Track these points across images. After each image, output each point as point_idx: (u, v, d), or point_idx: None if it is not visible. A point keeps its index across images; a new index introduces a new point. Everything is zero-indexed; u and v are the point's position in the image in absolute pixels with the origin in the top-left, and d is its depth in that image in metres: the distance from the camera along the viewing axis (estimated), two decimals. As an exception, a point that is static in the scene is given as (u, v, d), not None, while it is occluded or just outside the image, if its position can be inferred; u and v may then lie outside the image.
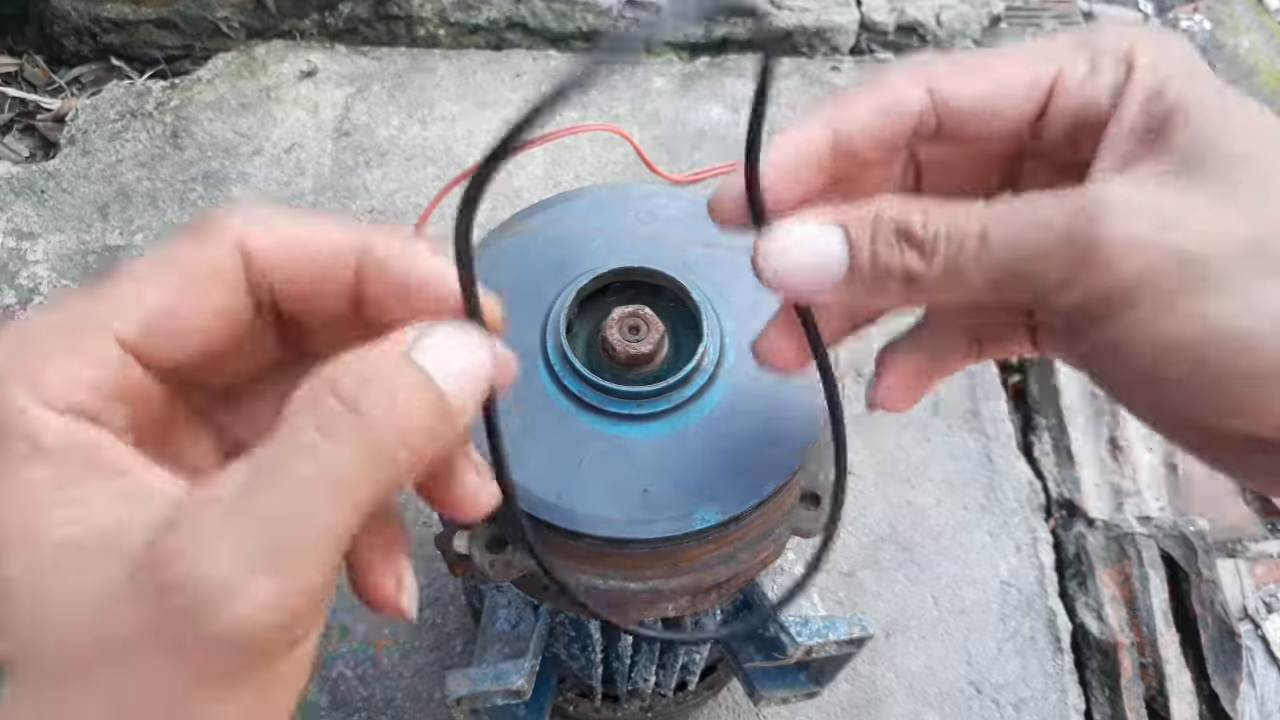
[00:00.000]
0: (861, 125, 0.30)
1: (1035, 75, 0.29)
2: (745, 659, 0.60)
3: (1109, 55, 0.28)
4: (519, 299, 0.47)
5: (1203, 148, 0.26)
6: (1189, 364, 0.25)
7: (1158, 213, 0.25)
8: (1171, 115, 0.26)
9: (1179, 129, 0.26)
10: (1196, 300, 0.25)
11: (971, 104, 0.29)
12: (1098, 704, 0.86)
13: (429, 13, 1.24)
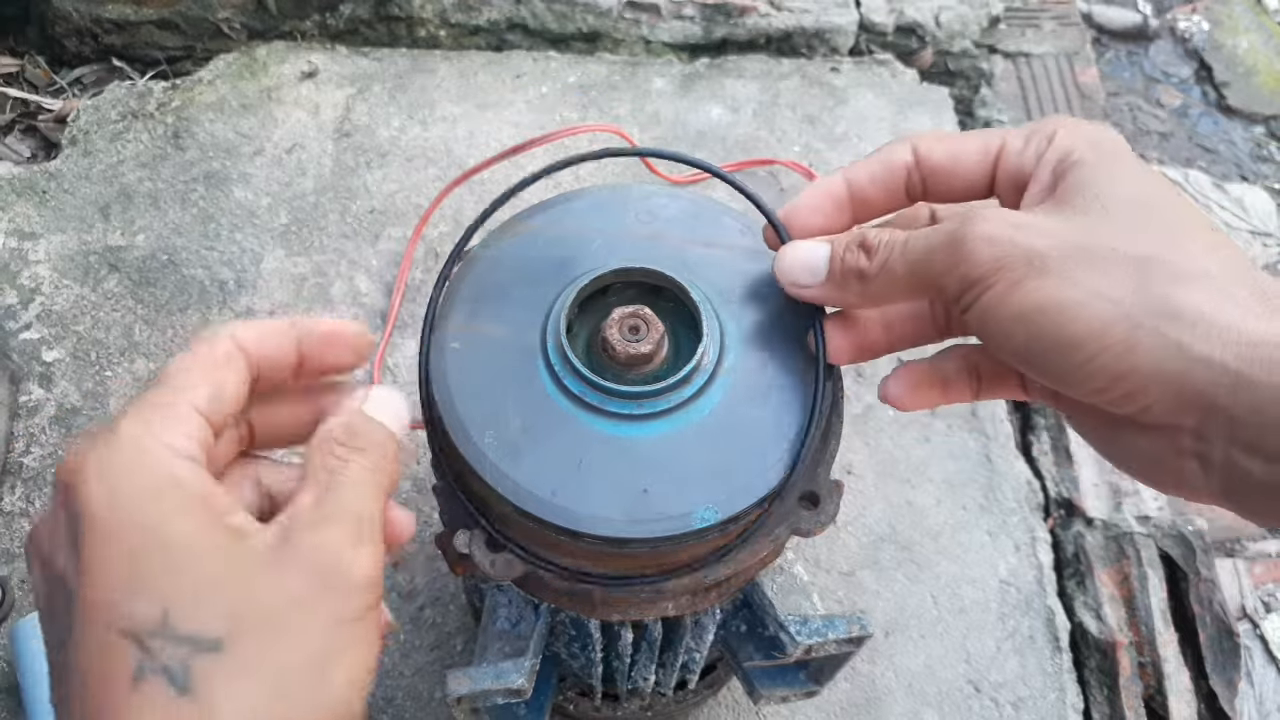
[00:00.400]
0: (867, 175, 0.42)
1: (986, 144, 0.40)
2: (745, 658, 0.60)
3: (1038, 134, 0.39)
4: (519, 299, 0.47)
5: (1075, 190, 0.36)
6: (1031, 331, 0.35)
7: (1015, 224, 0.35)
8: (1066, 174, 0.37)
9: (1066, 180, 0.36)
10: (1035, 282, 0.34)
11: (941, 161, 0.40)
12: (1096, 703, 0.86)
13: (430, 14, 1.25)
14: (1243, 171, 1.32)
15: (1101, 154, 0.36)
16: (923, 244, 0.37)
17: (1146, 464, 0.36)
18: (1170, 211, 0.35)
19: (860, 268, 0.39)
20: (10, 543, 0.85)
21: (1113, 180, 0.35)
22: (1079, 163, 0.36)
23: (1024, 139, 0.39)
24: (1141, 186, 0.35)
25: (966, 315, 0.37)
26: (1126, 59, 1.46)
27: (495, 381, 0.45)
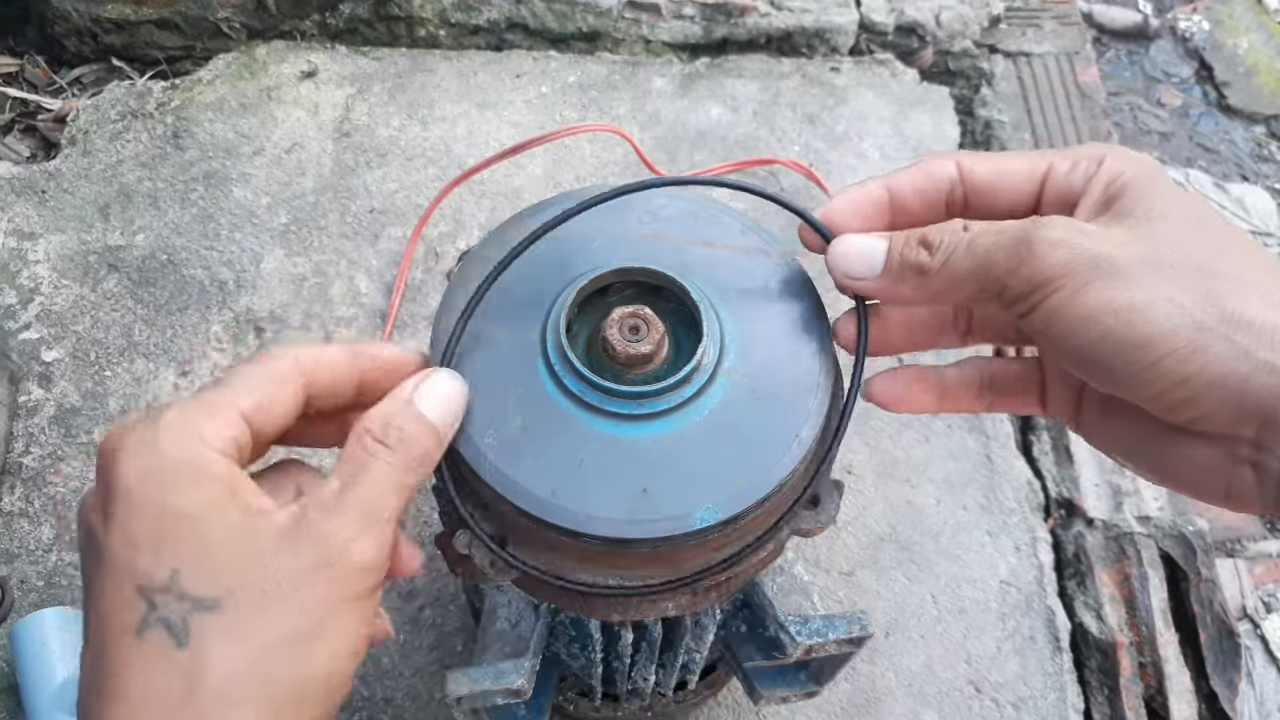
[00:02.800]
0: (909, 184, 0.42)
1: (1033, 165, 0.41)
2: (745, 658, 0.60)
3: (1086, 158, 0.40)
4: (519, 299, 0.47)
5: (1131, 206, 0.37)
6: (1099, 331, 0.35)
7: (1083, 230, 0.36)
8: (1120, 193, 0.38)
9: (1121, 200, 0.38)
10: (1103, 284, 0.35)
11: (986, 178, 0.41)
12: (1097, 703, 0.86)
13: (429, 13, 1.25)
14: (1243, 171, 1.32)
15: (1149, 177, 0.38)
16: (989, 242, 0.38)
17: (1196, 474, 0.37)
18: (1220, 226, 0.37)
19: (921, 263, 0.40)
20: (10, 543, 0.85)
21: (1165, 198, 0.37)
22: (1130, 183, 0.38)
23: (1071, 162, 0.40)
24: (1189, 204, 0.37)
25: (1030, 317, 0.37)
26: (1127, 59, 1.46)
27: (495, 381, 0.44)
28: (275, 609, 0.33)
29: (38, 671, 0.73)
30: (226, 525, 0.34)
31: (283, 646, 0.33)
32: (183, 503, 0.33)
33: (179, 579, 0.32)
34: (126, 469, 0.33)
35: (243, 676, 0.32)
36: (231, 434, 0.35)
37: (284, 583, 0.34)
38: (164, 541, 0.33)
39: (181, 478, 0.34)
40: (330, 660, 0.34)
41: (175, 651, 0.32)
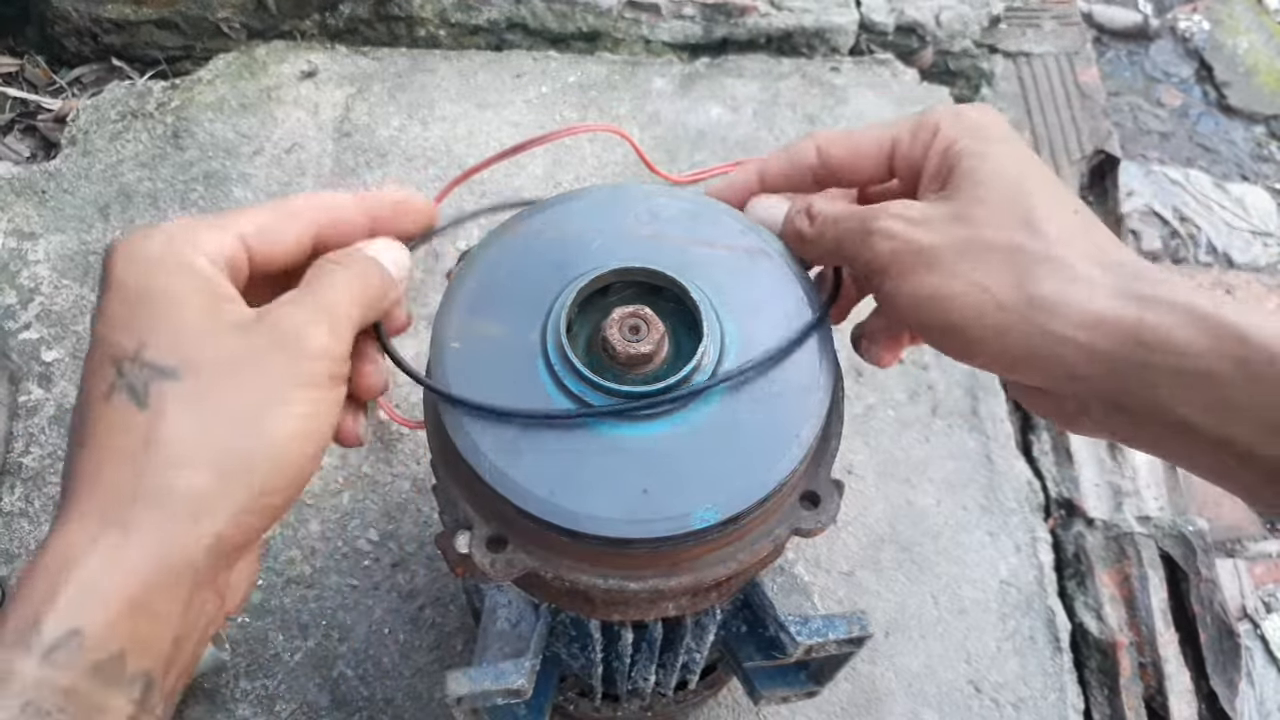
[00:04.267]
0: (778, 170, 0.49)
1: (880, 143, 0.46)
2: (745, 658, 0.60)
3: (923, 128, 0.44)
4: (519, 299, 0.47)
5: (960, 180, 0.42)
6: (923, 316, 0.41)
7: (910, 219, 0.42)
8: (954, 163, 0.42)
9: (954, 171, 0.42)
10: (923, 275, 0.40)
11: (842, 159, 0.47)
12: (1097, 703, 0.86)
13: (429, 13, 1.25)
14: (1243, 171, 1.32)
15: (981, 140, 0.42)
16: (844, 226, 0.44)
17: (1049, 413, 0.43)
18: (1038, 197, 0.40)
19: (801, 231, 0.47)
20: (10, 543, 0.85)
21: (991, 170, 0.41)
22: (961, 152, 0.42)
23: (911, 133, 0.44)
24: (1015, 172, 0.41)
25: (876, 296, 0.44)
26: (1127, 58, 1.46)
27: (496, 382, 0.44)
28: (230, 382, 0.36)
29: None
30: (194, 307, 0.37)
31: (234, 417, 0.36)
32: (158, 286, 0.37)
33: (144, 351, 0.36)
34: (117, 261, 0.37)
35: (193, 439, 0.35)
36: (224, 249, 0.39)
37: (240, 360, 0.37)
38: (136, 318, 0.36)
39: (164, 268, 0.37)
40: (282, 437, 0.37)
41: (136, 412, 0.35)
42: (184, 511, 0.35)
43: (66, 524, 0.34)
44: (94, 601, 0.33)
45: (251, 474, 0.36)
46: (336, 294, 0.40)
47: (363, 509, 0.88)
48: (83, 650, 0.32)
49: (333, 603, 0.84)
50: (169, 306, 0.37)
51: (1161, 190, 1.24)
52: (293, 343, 0.38)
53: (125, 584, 0.33)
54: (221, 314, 0.37)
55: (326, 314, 0.39)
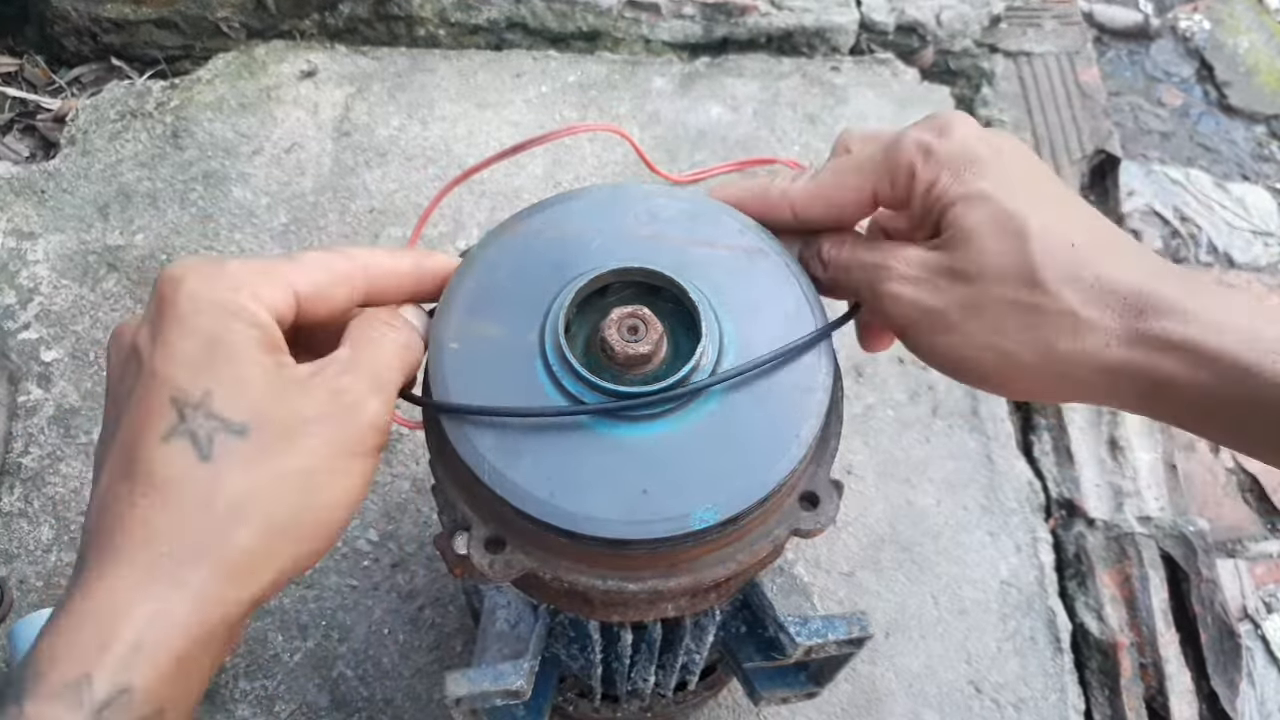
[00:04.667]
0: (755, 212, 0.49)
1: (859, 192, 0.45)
2: (745, 659, 0.60)
3: (898, 172, 0.43)
4: (518, 299, 0.47)
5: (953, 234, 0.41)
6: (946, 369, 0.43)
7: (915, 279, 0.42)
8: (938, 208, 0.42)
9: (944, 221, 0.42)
10: (938, 335, 0.42)
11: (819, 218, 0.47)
12: (1097, 704, 0.86)
13: (429, 13, 1.24)
14: (1244, 171, 1.32)
15: (959, 177, 0.41)
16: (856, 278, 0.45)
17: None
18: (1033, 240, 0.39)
19: (816, 276, 0.48)
20: (9, 543, 0.85)
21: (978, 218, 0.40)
22: (943, 196, 0.42)
23: (889, 181, 0.43)
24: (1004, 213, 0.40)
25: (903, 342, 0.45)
26: (1128, 58, 1.46)
27: (494, 382, 0.44)
28: (291, 446, 0.37)
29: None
30: (259, 364, 0.37)
31: (292, 480, 0.36)
32: (227, 336, 0.36)
33: (211, 400, 0.36)
34: (186, 296, 0.37)
35: (252, 499, 0.35)
36: (280, 303, 0.39)
37: (302, 424, 0.37)
38: (204, 364, 0.36)
39: (232, 316, 0.37)
40: (330, 502, 0.38)
41: (198, 463, 0.35)
42: (234, 571, 0.35)
43: (114, 567, 0.34)
44: (145, 659, 0.33)
45: (299, 538, 0.37)
46: (388, 362, 0.41)
47: (362, 509, 0.88)
48: (130, 708, 0.32)
49: (332, 603, 0.83)
50: (237, 359, 0.36)
51: (1162, 190, 1.24)
52: (352, 412, 0.38)
53: (173, 642, 0.33)
54: (283, 373, 0.38)
55: (381, 384, 0.40)
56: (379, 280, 0.43)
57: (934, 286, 0.41)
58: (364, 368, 0.40)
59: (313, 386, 0.38)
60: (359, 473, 0.39)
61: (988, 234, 0.40)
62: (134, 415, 0.36)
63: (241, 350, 0.37)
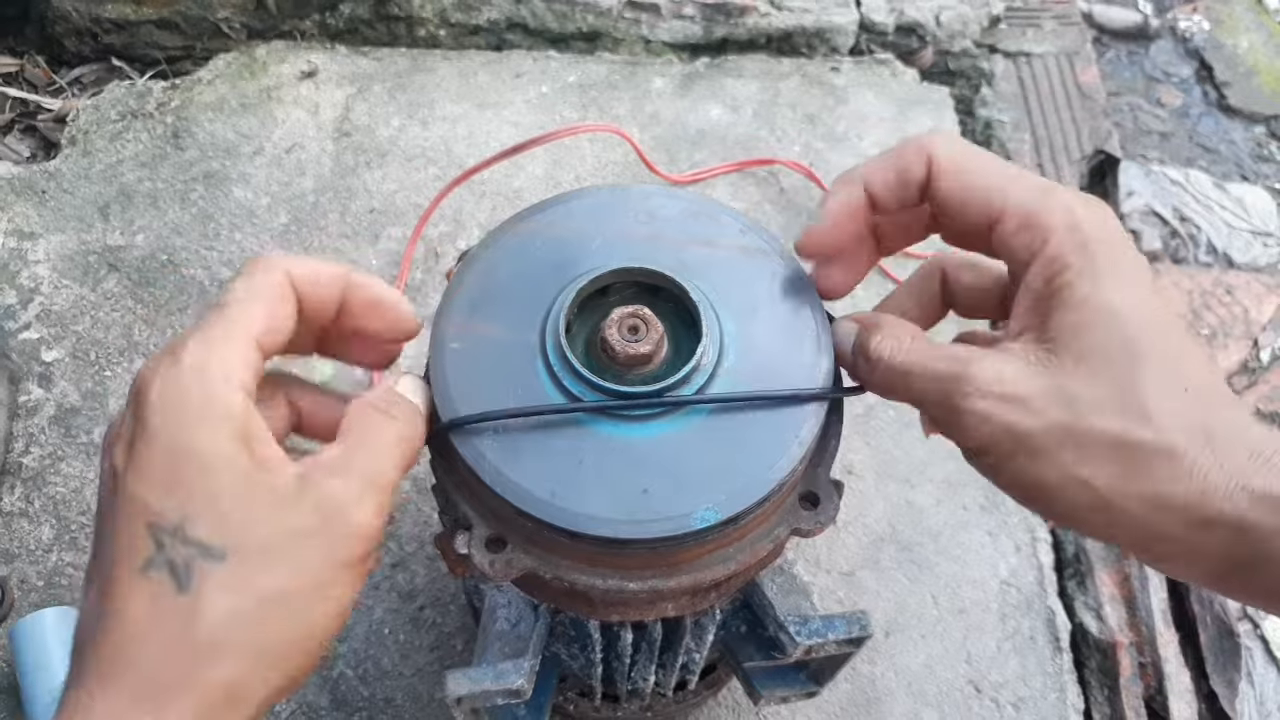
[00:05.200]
0: (882, 182, 0.44)
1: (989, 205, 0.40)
2: (745, 658, 0.60)
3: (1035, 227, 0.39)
4: (518, 300, 0.47)
5: (1063, 336, 0.37)
6: (1022, 496, 0.39)
7: (1004, 396, 0.37)
8: (1057, 300, 0.38)
9: (1055, 312, 0.38)
10: (1022, 460, 0.37)
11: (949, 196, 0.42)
12: (1097, 703, 0.86)
13: (429, 13, 1.24)
14: (1243, 171, 1.32)
15: (1091, 274, 0.37)
16: (921, 388, 0.41)
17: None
18: (1150, 369, 0.36)
19: (860, 374, 0.45)
20: (10, 543, 0.85)
21: (1101, 336, 0.37)
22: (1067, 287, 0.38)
23: (1019, 221, 0.39)
24: (1128, 334, 0.37)
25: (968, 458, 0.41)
26: (1127, 59, 1.46)
27: (495, 382, 0.44)
28: (275, 566, 0.35)
29: (38, 671, 0.73)
30: (237, 474, 0.35)
31: (277, 603, 0.35)
32: (199, 444, 0.34)
33: (187, 525, 0.34)
34: (151, 407, 0.35)
35: (235, 627, 0.34)
36: (248, 366, 0.37)
37: (287, 541, 0.35)
38: (177, 483, 0.34)
39: (200, 417, 0.34)
40: (320, 620, 0.36)
41: (176, 595, 0.33)
42: (216, 704, 0.34)
43: (101, 692, 0.33)
44: None
45: (284, 663, 0.35)
46: (382, 459, 0.38)
47: (363, 509, 0.88)
48: None
49: (333, 603, 0.83)
50: (211, 470, 0.34)
51: (1161, 190, 1.24)
52: (341, 523, 0.36)
53: None
54: (265, 483, 0.35)
55: (373, 487, 0.37)
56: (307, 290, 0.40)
57: (1027, 409, 0.37)
58: (356, 470, 0.37)
59: (298, 495, 0.36)
60: (347, 585, 0.37)
61: (1106, 354, 0.36)
62: (113, 544, 0.34)
63: (215, 459, 0.34)
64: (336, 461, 0.37)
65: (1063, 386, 0.37)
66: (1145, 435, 0.35)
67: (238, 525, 0.34)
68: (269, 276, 0.39)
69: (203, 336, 0.36)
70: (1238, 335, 1.10)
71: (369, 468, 0.38)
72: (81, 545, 0.85)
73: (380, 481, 0.38)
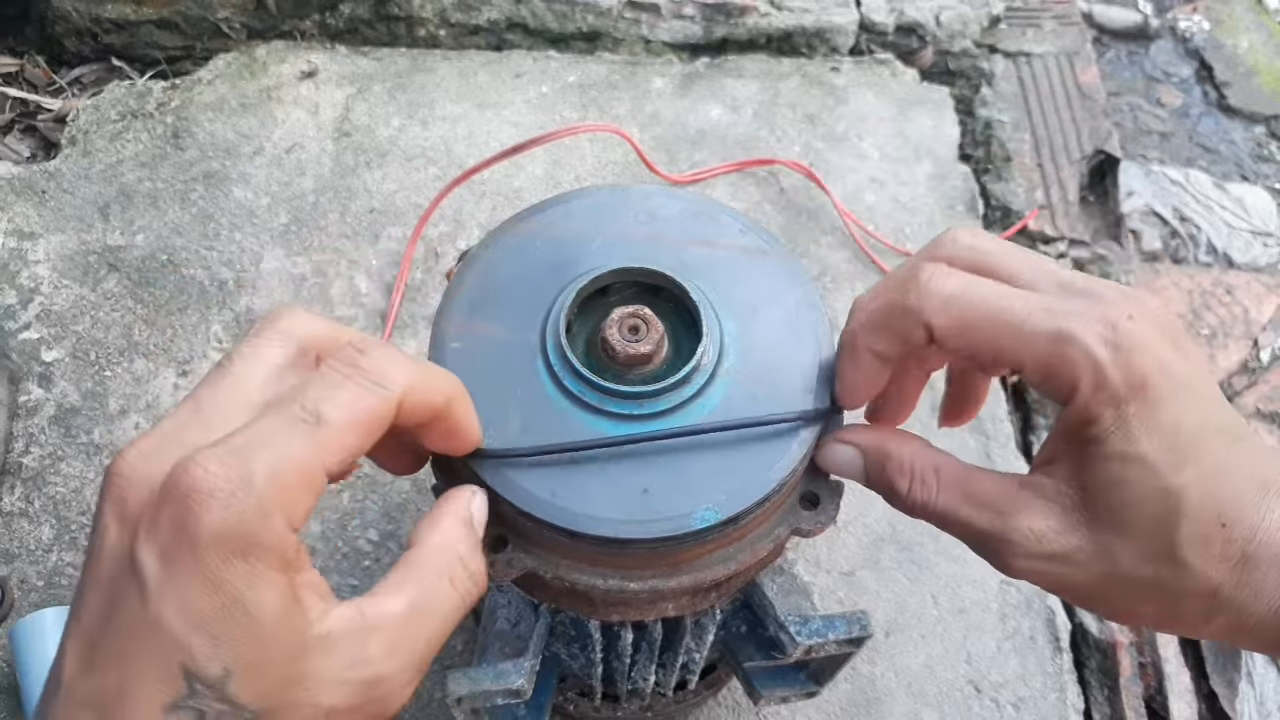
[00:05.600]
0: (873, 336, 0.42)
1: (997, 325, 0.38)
2: (745, 658, 0.60)
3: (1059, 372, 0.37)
4: (519, 299, 0.47)
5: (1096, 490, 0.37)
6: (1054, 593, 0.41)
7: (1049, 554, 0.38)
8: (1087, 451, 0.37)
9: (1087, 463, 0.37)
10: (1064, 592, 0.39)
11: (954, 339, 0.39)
12: (1097, 703, 0.86)
13: (429, 13, 1.25)
14: (1243, 171, 1.32)
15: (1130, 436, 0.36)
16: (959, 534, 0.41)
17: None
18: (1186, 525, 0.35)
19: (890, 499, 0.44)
20: (10, 543, 0.85)
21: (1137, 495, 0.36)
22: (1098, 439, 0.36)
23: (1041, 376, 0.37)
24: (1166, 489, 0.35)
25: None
26: (1127, 59, 1.46)
27: (495, 382, 0.44)
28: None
29: (38, 671, 0.73)
30: (286, 637, 0.32)
31: None
32: (253, 597, 0.31)
33: (229, 681, 0.31)
34: (211, 537, 0.30)
35: None
36: (312, 503, 0.33)
37: (324, 710, 0.33)
38: (224, 634, 0.30)
39: (259, 567, 0.31)
40: None
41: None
42: None
43: None
44: None
45: None
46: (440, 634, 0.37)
47: (363, 509, 0.88)
48: None
49: (333, 603, 0.83)
50: (259, 625, 0.31)
51: (1161, 190, 1.24)
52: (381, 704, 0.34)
53: None
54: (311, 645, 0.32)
55: (423, 666, 0.36)
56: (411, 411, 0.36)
57: (1070, 564, 0.38)
58: (405, 647, 0.34)
59: (343, 657, 0.33)
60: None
61: (1139, 514, 0.36)
62: (132, 663, 0.30)
63: (266, 615, 0.31)
64: (392, 624, 0.34)
65: (1100, 540, 0.37)
66: (1182, 582, 0.36)
67: (274, 690, 0.32)
68: (383, 405, 0.34)
69: (280, 457, 0.31)
70: (1238, 335, 1.10)
71: (422, 647, 0.35)
72: (82, 545, 0.85)
73: (428, 658, 0.36)
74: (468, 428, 0.40)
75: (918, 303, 0.39)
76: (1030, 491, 0.39)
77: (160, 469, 0.31)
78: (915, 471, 0.43)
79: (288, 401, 0.32)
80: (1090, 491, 0.37)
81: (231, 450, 0.31)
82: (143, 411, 0.92)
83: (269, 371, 0.35)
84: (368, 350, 0.34)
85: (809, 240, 1.07)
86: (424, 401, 0.36)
